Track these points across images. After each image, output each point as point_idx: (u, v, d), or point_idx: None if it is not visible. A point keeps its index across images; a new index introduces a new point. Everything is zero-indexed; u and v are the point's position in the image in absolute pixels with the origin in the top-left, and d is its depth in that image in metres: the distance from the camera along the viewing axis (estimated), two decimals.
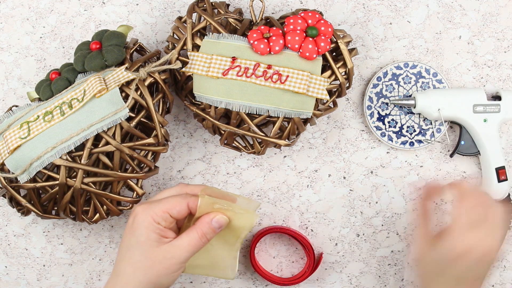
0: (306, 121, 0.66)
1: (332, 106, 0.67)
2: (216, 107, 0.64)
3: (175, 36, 0.67)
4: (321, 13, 0.66)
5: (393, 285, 0.73)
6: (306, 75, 0.62)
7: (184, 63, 0.65)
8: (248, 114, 0.64)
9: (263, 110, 0.63)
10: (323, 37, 0.63)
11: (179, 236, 0.56)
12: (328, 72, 0.64)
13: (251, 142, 0.68)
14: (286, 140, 0.65)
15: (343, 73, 0.65)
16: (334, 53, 0.66)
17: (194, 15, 0.68)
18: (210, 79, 0.63)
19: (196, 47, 0.65)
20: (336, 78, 0.64)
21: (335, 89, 0.66)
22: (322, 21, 0.64)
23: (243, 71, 0.62)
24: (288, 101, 0.63)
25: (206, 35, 0.65)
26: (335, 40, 0.64)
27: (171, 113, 0.73)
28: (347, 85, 0.66)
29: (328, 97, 0.63)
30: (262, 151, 0.67)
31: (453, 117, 0.70)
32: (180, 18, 0.67)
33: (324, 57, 0.64)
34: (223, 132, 0.66)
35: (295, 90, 0.62)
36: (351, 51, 0.66)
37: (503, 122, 0.71)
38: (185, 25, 0.65)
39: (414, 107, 0.70)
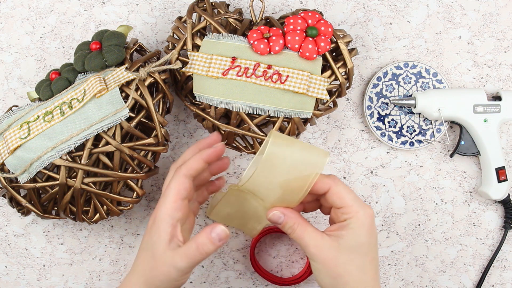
0: (306, 121, 0.66)
1: (332, 106, 0.67)
2: (216, 107, 0.64)
3: (175, 36, 0.67)
4: (321, 13, 0.66)
5: (393, 285, 0.73)
6: (306, 75, 0.62)
7: (184, 63, 0.65)
8: (248, 114, 0.64)
9: (263, 110, 0.63)
10: (323, 37, 0.63)
11: (186, 244, 0.55)
12: (328, 72, 0.64)
13: (251, 142, 0.68)
14: None
15: (343, 73, 0.65)
16: (334, 53, 0.66)
17: (194, 15, 0.68)
18: (210, 79, 0.63)
19: (196, 47, 0.65)
20: (336, 78, 0.64)
21: (335, 89, 0.66)
22: (322, 21, 0.64)
23: (243, 71, 0.62)
24: (288, 101, 0.63)
25: (206, 35, 0.65)
26: (335, 40, 0.64)
27: (171, 113, 0.73)
28: (347, 85, 0.66)
29: (328, 97, 0.63)
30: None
31: (453, 117, 0.70)
32: (180, 18, 0.67)
33: (324, 57, 0.64)
34: (223, 132, 0.66)
35: (295, 90, 0.62)
36: (351, 51, 0.66)
37: (503, 122, 0.71)
38: (185, 25, 0.65)
39: (415, 107, 0.70)
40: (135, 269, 0.57)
